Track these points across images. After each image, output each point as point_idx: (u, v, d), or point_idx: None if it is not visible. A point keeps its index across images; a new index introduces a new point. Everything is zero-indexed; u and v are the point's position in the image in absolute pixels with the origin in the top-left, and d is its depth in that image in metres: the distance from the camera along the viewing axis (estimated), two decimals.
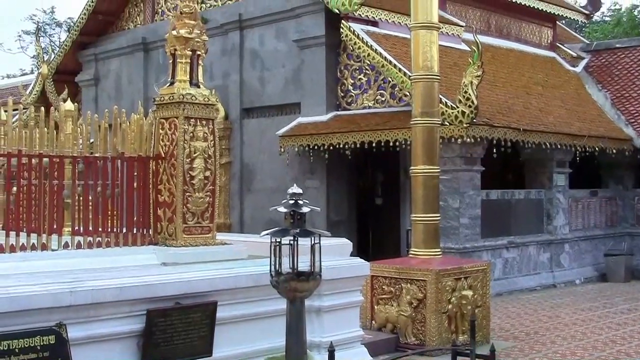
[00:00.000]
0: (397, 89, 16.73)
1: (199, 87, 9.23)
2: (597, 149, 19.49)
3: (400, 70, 16.16)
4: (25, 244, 8.18)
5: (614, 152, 19.97)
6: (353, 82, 17.74)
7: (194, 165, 8.99)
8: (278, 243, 6.28)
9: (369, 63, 17.20)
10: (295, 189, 6.48)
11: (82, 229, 8.73)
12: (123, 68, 23.56)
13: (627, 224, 21.53)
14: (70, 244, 8.53)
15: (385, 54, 16.69)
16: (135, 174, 9.04)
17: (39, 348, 6.42)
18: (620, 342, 12.23)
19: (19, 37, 51.12)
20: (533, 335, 12.68)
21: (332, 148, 17.27)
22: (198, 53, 9.29)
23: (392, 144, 16.27)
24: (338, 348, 7.76)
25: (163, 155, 9.07)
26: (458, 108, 15.11)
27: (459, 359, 8.98)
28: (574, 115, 20.13)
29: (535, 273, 18.48)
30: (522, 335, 12.68)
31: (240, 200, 19.93)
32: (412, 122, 12.55)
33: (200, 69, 9.36)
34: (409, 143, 13.63)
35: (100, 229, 8.75)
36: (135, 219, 9.09)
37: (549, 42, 23.82)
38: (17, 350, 6.29)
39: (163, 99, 9.13)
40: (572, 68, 23.31)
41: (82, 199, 8.77)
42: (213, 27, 19.49)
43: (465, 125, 15.20)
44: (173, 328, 7.39)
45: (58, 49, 26.79)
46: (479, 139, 15.85)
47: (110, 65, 24.03)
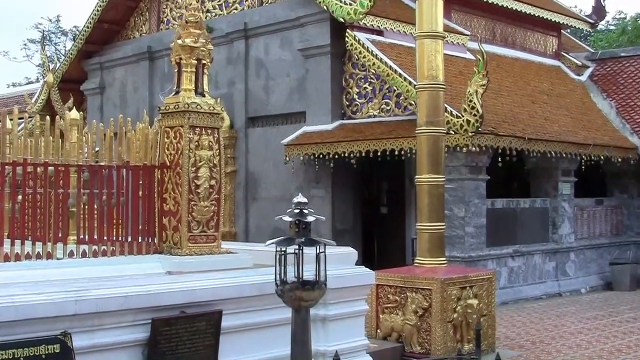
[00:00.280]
0: (402, 98, 16.73)
1: (204, 96, 9.24)
2: (602, 158, 19.46)
3: (406, 79, 16.17)
4: (31, 253, 8.19)
5: (619, 160, 19.94)
6: (358, 91, 17.76)
7: (199, 174, 9.00)
8: (283, 252, 6.27)
9: (374, 72, 17.21)
10: (301, 198, 6.48)
11: (87, 238, 8.73)
12: (128, 77, 23.61)
13: (632, 233, 21.50)
14: (75, 253, 8.54)
15: (391, 63, 16.69)
16: (141, 183, 9.05)
17: (44, 357, 6.41)
18: (626, 350, 12.19)
19: (25, 45, 51.34)
20: (539, 344, 12.65)
21: (337, 157, 17.27)
22: (203, 62, 9.31)
23: (397, 153, 16.26)
24: (343, 357, 7.75)
25: (168, 164, 9.08)
26: (463, 117, 15.11)
27: None
28: (579, 124, 20.11)
29: (541, 282, 18.44)
30: (527, 344, 12.64)
31: (246, 209, 19.93)
32: (417, 131, 12.54)
33: (206, 78, 9.38)
34: (414, 152, 13.62)
35: (105, 238, 8.75)
36: (141, 228, 9.09)
37: (554, 51, 23.82)
38: (22, 359, 6.29)
39: (168, 108, 9.14)
40: (577, 77, 23.30)
41: (87, 208, 8.78)
42: (218, 36, 19.55)
43: (471, 134, 15.19)
44: (178, 337, 7.37)
45: (63, 58, 26.87)
46: (484, 148, 15.84)
47: (116, 74, 24.08)
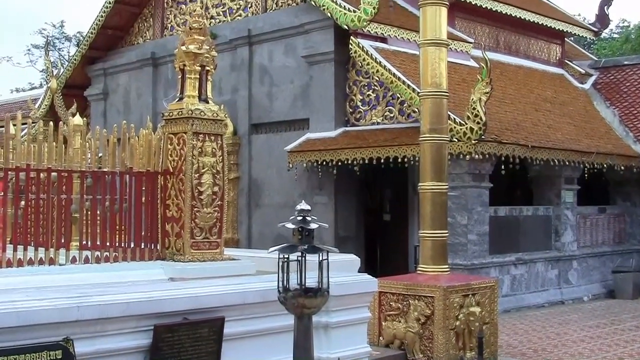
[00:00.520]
0: (405, 105, 16.74)
1: (208, 102, 9.24)
2: (605, 166, 19.46)
3: (409, 87, 16.17)
4: (33, 258, 8.18)
5: (622, 169, 19.93)
6: (362, 98, 17.77)
7: (202, 181, 9.00)
8: (286, 259, 6.26)
9: (378, 79, 17.23)
10: (304, 206, 6.47)
11: (89, 244, 8.72)
12: (132, 83, 23.64)
13: (635, 241, 21.48)
14: (78, 259, 8.53)
15: (394, 70, 16.71)
16: (144, 189, 9.04)
17: None
18: (628, 359, 12.17)
19: (28, 51, 51.46)
20: (541, 352, 12.63)
21: (340, 164, 17.27)
22: (207, 68, 9.30)
23: (400, 160, 16.26)
24: None
25: (171, 171, 9.08)
26: (466, 124, 15.11)
27: None
28: (583, 132, 20.11)
29: (543, 290, 18.42)
30: (529, 352, 12.63)
31: (248, 216, 19.93)
32: (420, 138, 12.54)
33: (209, 85, 9.38)
34: (418, 159, 13.62)
35: (108, 244, 8.75)
36: (143, 234, 9.09)
37: (558, 59, 23.83)
38: None
39: (172, 114, 9.14)
40: (580, 85, 23.32)
41: (90, 214, 8.78)
42: (222, 42, 19.57)
43: (474, 142, 15.19)
44: (180, 344, 7.36)
45: (67, 63, 26.87)
46: (488, 156, 15.83)
47: (119, 80, 24.12)
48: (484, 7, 20.48)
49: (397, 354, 11.48)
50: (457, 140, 15.19)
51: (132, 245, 8.95)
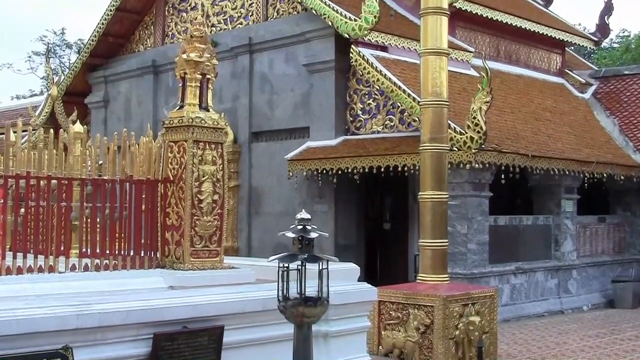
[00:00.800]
0: (406, 114, 16.74)
1: (208, 110, 9.24)
2: (605, 176, 19.46)
3: (410, 96, 16.18)
4: (33, 266, 8.17)
5: (622, 178, 19.93)
6: (362, 106, 17.78)
7: (203, 189, 8.99)
8: (286, 268, 6.26)
9: (378, 88, 17.24)
10: (304, 214, 6.47)
11: (89, 252, 8.72)
12: (132, 90, 23.66)
13: (634, 251, 21.47)
14: (78, 267, 8.52)
15: (395, 79, 16.72)
16: (144, 197, 9.04)
17: None
18: None
19: (29, 58, 51.53)
20: None
21: (340, 172, 17.27)
22: (208, 77, 9.31)
23: (400, 169, 16.26)
24: None
25: (171, 179, 9.08)
26: (467, 134, 15.12)
27: None
28: (583, 142, 20.12)
29: (543, 299, 18.41)
30: None
31: (248, 224, 19.93)
32: (420, 147, 12.55)
33: (210, 93, 9.38)
34: (418, 168, 13.63)
35: (108, 252, 8.74)
36: (143, 242, 9.08)
37: (558, 68, 23.86)
38: None
39: (172, 122, 9.14)
40: (580, 94, 23.34)
41: (89, 222, 8.77)
42: (223, 50, 19.60)
43: (474, 151, 15.20)
44: (180, 352, 7.35)
45: (68, 71, 26.91)
46: (488, 165, 15.84)
47: (120, 88, 24.14)
48: (485, 16, 20.52)
49: None
50: (457, 150, 15.20)
51: (131, 253, 8.93)
